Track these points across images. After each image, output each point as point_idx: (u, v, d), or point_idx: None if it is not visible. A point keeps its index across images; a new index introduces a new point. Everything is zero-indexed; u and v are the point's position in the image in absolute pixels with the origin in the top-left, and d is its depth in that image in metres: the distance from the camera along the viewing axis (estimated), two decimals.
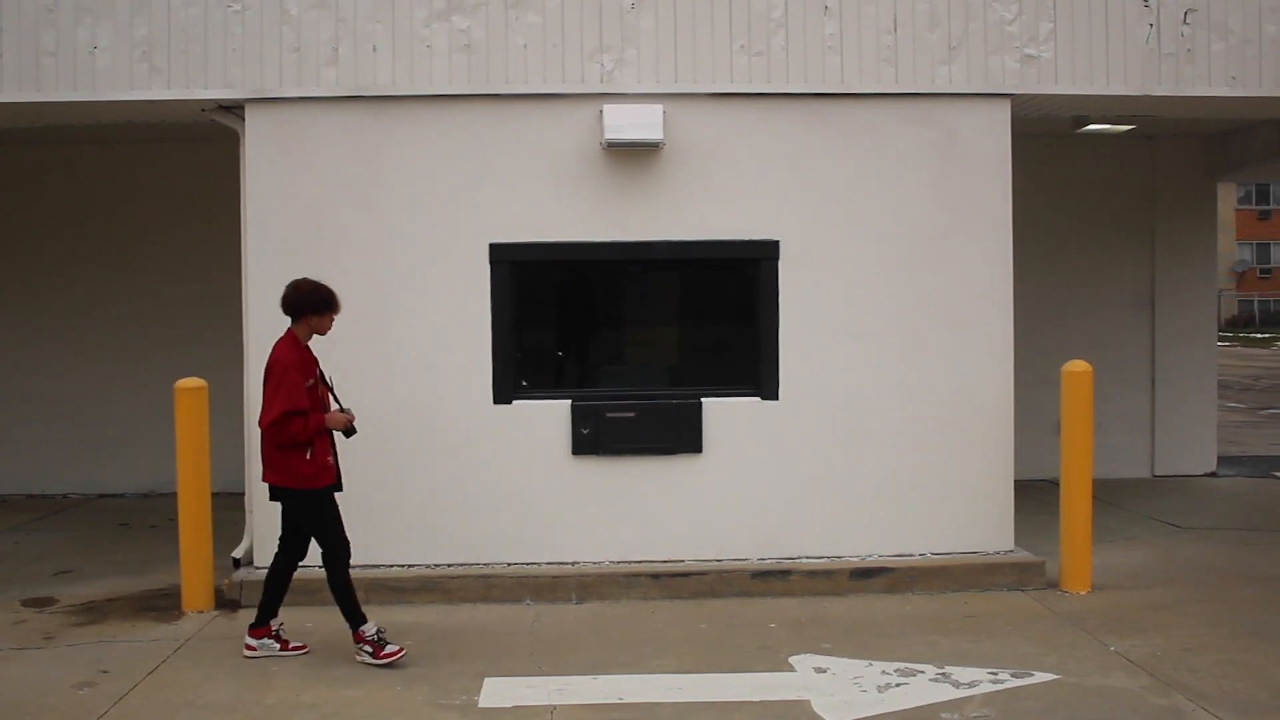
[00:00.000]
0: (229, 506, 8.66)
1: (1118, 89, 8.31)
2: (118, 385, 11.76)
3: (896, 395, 8.30)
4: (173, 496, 7.88)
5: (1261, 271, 72.90)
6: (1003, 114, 8.29)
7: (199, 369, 8.31)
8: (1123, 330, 12.34)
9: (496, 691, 6.10)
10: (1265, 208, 72.04)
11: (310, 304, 6.62)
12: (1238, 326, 64.42)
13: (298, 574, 7.99)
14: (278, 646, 6.74)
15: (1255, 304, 70.73)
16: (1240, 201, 69.79)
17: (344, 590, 6.60)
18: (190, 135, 9.60)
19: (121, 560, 9.03)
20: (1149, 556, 8.97)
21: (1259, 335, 55.66)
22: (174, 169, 11.53)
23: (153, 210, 11.75)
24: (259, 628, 6.76)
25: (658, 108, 8.00)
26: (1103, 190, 12.35)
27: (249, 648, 6.73)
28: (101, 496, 11.74)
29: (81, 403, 11.84)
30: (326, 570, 6.61)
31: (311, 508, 6.60)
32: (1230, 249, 69.44)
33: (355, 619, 6.60)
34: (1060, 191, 12.06)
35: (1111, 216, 12.38)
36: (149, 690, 6.17)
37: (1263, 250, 73.14)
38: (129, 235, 11.79)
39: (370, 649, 6.52)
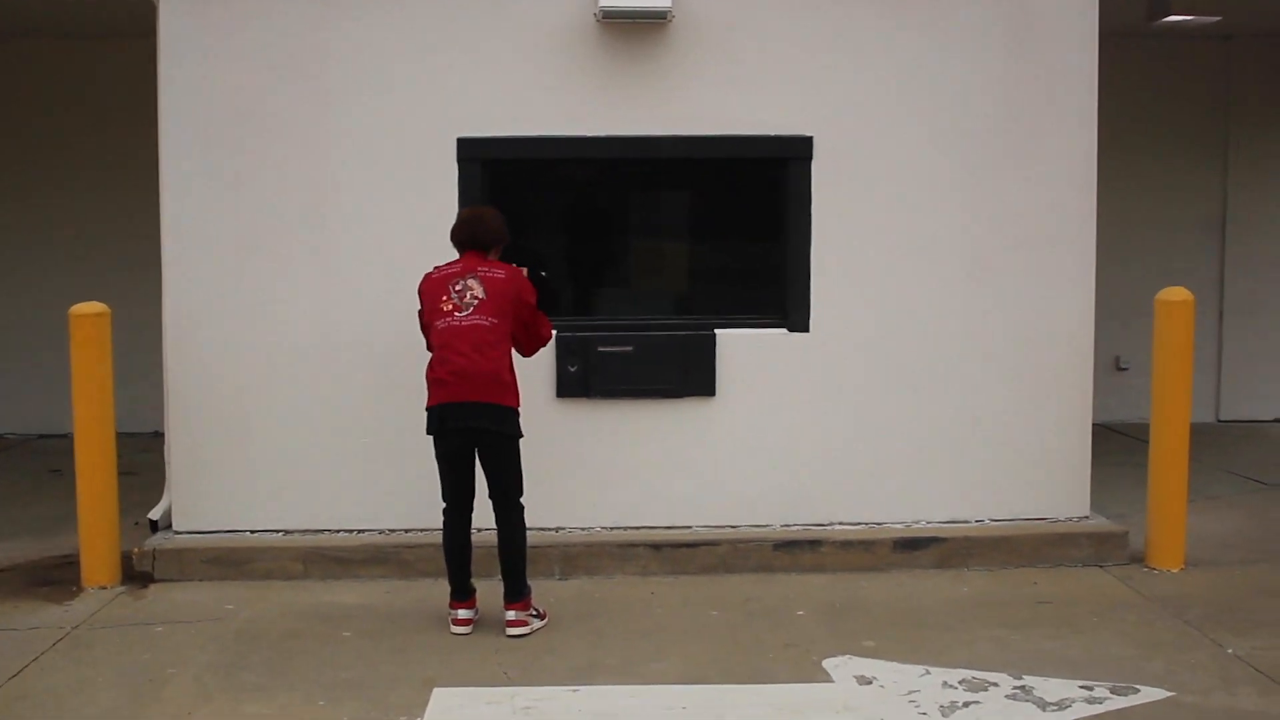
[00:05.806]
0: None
1: None
2: (53, 313, 10.44)
3: (954, 327, 6.91)
4: (122, 437, 6.72)
5: None
6: None
7: (140, 292, 7.10)
8: (1187, 255, 10.92)
9: (445, 709, 4.73)
10: None
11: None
12: None
13: (220, 541, 6.81)
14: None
15: None
16: None
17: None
18: (103, 29, 8.15)
19: (35, 515, 7.74)
20: (1240, 521, 7.65)
21: None
22: (87, 70, 10.16)
23: (67, 117, 10.37)
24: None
25: None
26: (1171, 96, 10.84)
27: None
28: (42, 437, 10.43)
29: (14, 332, 10.54)
30: (517, 522, 5.67)
31: None
32: None
33: (525, 585, 5.68)
34: (1123, 98, 10.55)
35: (1179, 126, 10.91)
36: None
37: None
38: (46, 146, 10.42)
39: (540, 615, 5.75)
